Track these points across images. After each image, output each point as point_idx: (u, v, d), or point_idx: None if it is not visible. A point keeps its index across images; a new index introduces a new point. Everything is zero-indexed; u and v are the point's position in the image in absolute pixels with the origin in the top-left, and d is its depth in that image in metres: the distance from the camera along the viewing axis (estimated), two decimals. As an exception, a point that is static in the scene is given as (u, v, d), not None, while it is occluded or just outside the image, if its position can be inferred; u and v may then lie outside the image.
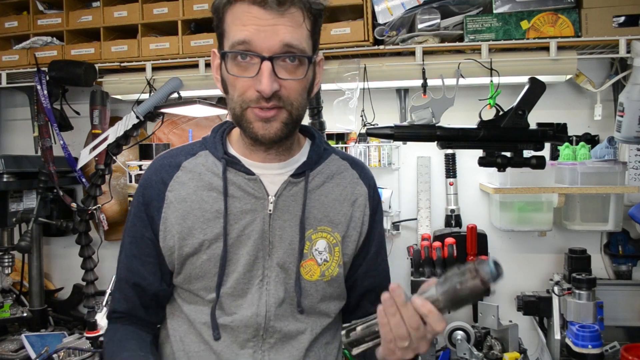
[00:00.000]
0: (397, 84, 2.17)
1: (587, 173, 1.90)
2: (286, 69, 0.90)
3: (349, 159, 1.14)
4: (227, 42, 0.91)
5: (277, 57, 0.88)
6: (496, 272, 0.78)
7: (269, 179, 1.02)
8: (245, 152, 1.04)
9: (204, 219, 1.00)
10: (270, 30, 0.87)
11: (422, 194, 2.23)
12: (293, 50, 0.89)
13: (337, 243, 1.05)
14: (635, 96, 1.71)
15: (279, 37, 0.87)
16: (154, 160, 1.09)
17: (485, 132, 1.31)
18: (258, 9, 0.86)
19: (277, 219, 1.01)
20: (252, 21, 0.87)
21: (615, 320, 1.95)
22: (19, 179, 2.14)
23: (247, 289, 1.00)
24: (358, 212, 1.08)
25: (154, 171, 1.05)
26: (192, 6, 2.06)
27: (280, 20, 0.87)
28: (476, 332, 1.98)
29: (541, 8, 1.83)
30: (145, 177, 1.06)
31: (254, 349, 1.00)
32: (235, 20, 0.89)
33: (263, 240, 1.00)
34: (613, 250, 2.08)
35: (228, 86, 0.95)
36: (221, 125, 1.11)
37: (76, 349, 1.89)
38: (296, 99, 0.93)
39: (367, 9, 1.91)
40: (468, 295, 0.80)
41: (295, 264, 1.01)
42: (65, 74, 2.09)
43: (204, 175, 1.03)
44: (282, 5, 0.86)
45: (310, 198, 1.04)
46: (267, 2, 0.86)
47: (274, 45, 0.87)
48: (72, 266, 2.34)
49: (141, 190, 1.04)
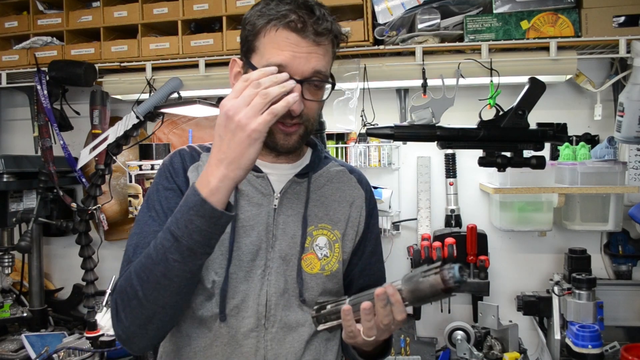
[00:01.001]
0: (397, 84, 2.17)
1: (587, 173, 1.90)
2: (310, 91, 0.99)
3: (347, 167, 1.22)
4: (261, 60, 0.97)
5: (306, 80, 0.97)
6: (459, 276, 0.81)
7: (275, 178, 1.09)
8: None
9: None
10: (305, 58, 0.95)
11: (422, 194, 2.23)
12: (320, 76, 0.99)
13: (338, 240, 1.11)
14: (635, 96, 1.71)
15: (311, 64, 0.96)
16: (175, 150, 1.14)
17: (485, 132, 1.31)
18: (296, 36, 0.95)
19: (281, 213, 1.07)
20: (289, 47, 0.95)
21: (615, 320, 1.95)
22: (19, 179, 2.14)
23: (249, 277, 1.03)
24: (355, 213, 1.15)
25: (177, 155, 1.11)
26: (192, 6, 2.06)
27: (314, 49, 0.96)
28: (476, 332, 1.98)
29: (541, 8, 1.83)
30: (169, 160, 1.10)
31: (256, 339, 1.03)
32: (273, 42, 0.96)
33: (267, 233, 1.06)
34: (613, 250, 2.08)
35: None
36: None
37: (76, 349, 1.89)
38: (313, 117, 1.03)
39: (367, 9, 1.91)
40: (428, 289, 0.84)
41: (297, 257, 1.06)
42: (65, 74, 2.09)
43: None
44: (319, 37, 0.96)
45: (312, 197, 1.11)
46: (306, 33, 0.95)
47: (306, 71, 0.96)
48: (72, 266, 2.34)
49: (168, 168, 1.08)
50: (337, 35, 1.01)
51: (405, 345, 2.08)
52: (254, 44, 0.98)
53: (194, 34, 2.09)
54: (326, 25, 0.97)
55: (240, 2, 2.01)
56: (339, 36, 1.01)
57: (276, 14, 0.95)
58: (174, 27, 2.08)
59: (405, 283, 0.88)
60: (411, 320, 2.17)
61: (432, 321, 2.22)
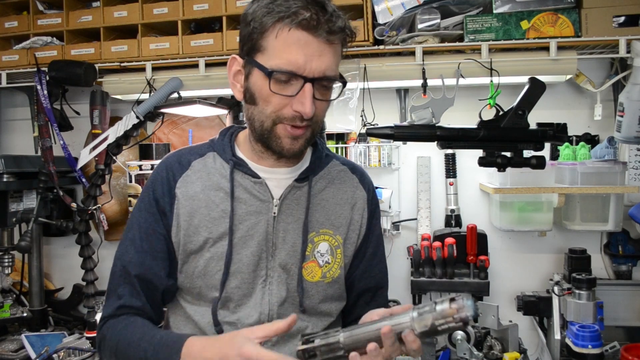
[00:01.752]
0: (397, 84, 2.17)
1: (587, 173, 1.90)
2: (320, 91, 0.95)
3: (349, 165, 1.18)
4: (270, 59, 0.92)
5: (317, 79, 0.93)
6: (475, 312, 0.78)
7: (274, 183, 1.06)
8: (253, 156, 1.07)
9: (210, 217, 1.03)
10: (317, 58, 0.91)
11: (422, 194, 2.23)
12: (331, 76, 0.95)
13: (339, 245, 1.08)
14: (635, 96, 1.71)
15: (323, 64, 0.92)
16: (164, 158, 1.11)
17: (485, 132, 1.31)
18: (309, 35, 0.90)
19: (281, 221, 1.04)
20: (301, 49, 0.90)
21: (615, 320, 1.95)
22: (19, 179, 2.14)
23: (251, 288, 1.02)
24: (357, 215, 1.12)
25: (164, 168, 1.07)
26: (192, 6, 2.06)
27: (326, 49, 0.92)
28: (476, 332, 1.98)
29: (541, 8, 1.83)
30: (155, 174, 1.08)
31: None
32: (282, 41, 0.91)
33: (267, 242, 1.03)
34: (613, 250, 2.08)
35: (258, 99, 0.96)
36: (228, 128, 1.14)
37: (76, 349, 1.89)
38: (321, 118, 1.01)
39: (367, 9, 1.91)
40: (445, 332, 0.80)
41: (297, 266, 1.04)
42: (65, 74, 2.09)
43: (212, 176, 1.06)
44: (332, 35, 0.92)
45: (313, 202, 1.07)
46: (318, 32, 0.90)
47: (317, 71, 0.92)
48: (72, 266, 2.34)
49: (151, 187, 1.06)
50: (349, 33, 0.97)
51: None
52: (260, 43, 0.93)
53: (194, 34, 2.09)
54: (340, 24, 0.92)
55: (240, 2, 2.01)
56: (350, 34, 0.97)
57: (286, 10, 0.90)
58: (174, 27, 2.08)
59: (422, 334, 0.81)
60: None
61: (432, 321, 2.22)
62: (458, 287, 2.03)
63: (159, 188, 1.05)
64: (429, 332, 0.80)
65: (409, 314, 0.82)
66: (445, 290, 2.07)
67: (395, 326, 0.82)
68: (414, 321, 0.80)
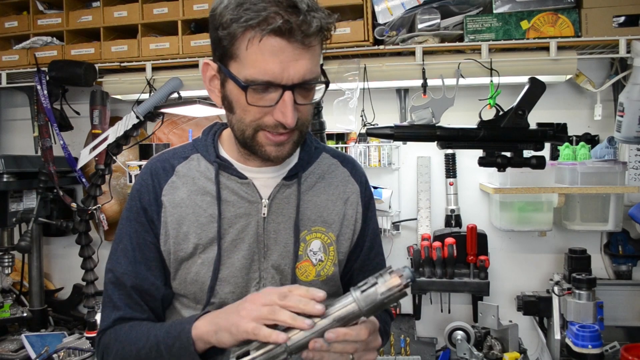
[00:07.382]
0: (397, 84, 2.17)
1: (587, 173, 1.90)
2: (302, 95, 0.90)
3: (340, 157, 1.14)
4: (243, 69, 0.86)
5: (297, 85, 0.87)
6: (413, 277, 0.81)
7: (261, 182, 1.02)
8: (239, 156, 1.04)
9: (198, 223, 1.00)
10: (294, 63, 0.85)
11: (422, 194, 2.23)
12: (311, 79, 0.89)
13: (332, 242, 1.06)
14: (635, 96, 1.71)
15: (302, 69, 0.86)
16: (147, 164, 1.08)
17: (485, 132, 1.31)
18: (282, 41, 0.83)
19: (272, 222, 1.02)
20: (276, 57, 0.84)
21: (615, 320, 1.95)
22: (19, 179, 2.14)
23: (245, 292, 1.01)
24: (351, 210, 1.09)
25: (149, 175, 1.04)
26: (192, 6, 2.06)
27: (303, 54, 0.86)
28: (476, 332, 1.98)
29: (541, 8, 1.83)
30: (140, 182, 1.05)
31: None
32: (255, 51, 0.84)
33: (258, 244, 1.01)
34: (613, 250, 2.08)
35: (236, 107, 0.92)
36: (211, 127, 1.11)
37: (76, 349, 1.90)
38: (307, 120, 0.95)
39: (367, 9, 1.91)
40: (390, 304, 0.81)
41: (291, 266, 1.02)
42: (65, 74, 2.09)
43: (197, 180, 1.03)
44: (308, 38, 0.85)
45: (304, 199, 1.04)
46: (293, 36, 0.83)
47: (296, 77, 0.86)
48: (72, 266, 2.34)
49: (137, 196, 1.03)
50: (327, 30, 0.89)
51: (405, 345, 2.08)
52: (231, 51, 0.87)
53: (194, 34, 2.09)
54: (315, 25, 0.84)
55: (240, 2, 2.01)
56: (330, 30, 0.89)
57: (256, 16, 0.82)
58: (174, 27, 2.08)
59: (368, 310, 0.80)
60: (411, 320, 2.17)
61: (432, 321, 2.22)
62: (458, 287, 2.03)
63: (146, 196, 1.02)
64: (376, 308, 0.80)
65: (352, 294, 0.81)
66: (446, 290, 2.07)
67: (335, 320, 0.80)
68: (359, 301, 0.80)
